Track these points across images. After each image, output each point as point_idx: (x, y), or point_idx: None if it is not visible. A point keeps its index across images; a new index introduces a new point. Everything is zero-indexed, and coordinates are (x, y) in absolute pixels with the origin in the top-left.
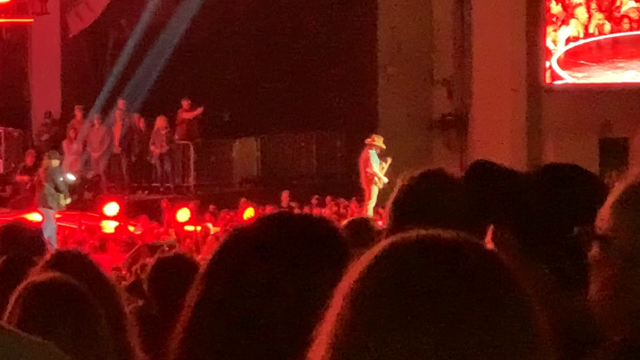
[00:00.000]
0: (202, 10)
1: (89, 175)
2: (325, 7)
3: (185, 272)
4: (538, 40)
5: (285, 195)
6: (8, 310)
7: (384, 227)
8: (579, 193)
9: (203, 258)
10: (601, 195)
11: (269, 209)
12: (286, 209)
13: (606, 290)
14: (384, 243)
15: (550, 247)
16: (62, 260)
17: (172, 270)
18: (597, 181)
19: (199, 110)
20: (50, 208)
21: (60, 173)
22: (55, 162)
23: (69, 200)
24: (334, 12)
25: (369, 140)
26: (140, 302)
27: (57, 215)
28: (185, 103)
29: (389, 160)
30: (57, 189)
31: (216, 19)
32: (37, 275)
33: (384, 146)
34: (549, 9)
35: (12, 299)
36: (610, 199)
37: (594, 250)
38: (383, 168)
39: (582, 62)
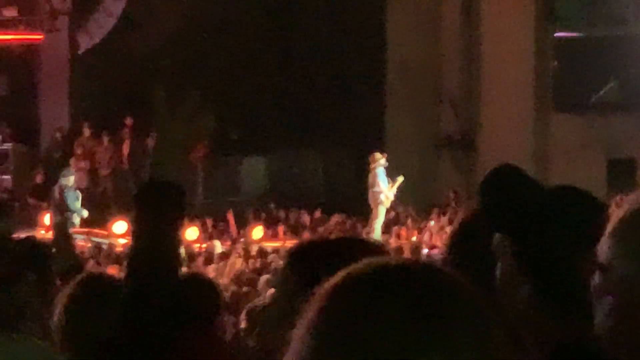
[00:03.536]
0: (210, 28)
1: (97, 192)
2: (333, 27)
3: (206, 293)
4: (547, 61)
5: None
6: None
7: None
8: (586, 221)
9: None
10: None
11: (280, 229)
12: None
13: (610, 319)
14: (340, 274)
15: (543, 267)
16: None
17: (191, 291)
18: (604, 211)
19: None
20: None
21: (72, 191)
22: (69, 181)
23: (85, 213)
24: (342, 32)
25: (372, 161)
26: None
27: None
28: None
29: (400, 178)
30: (69, 210)
31: (224, 38)
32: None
33: (383, 162)
34: None
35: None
36: (610, 227)
37: (596, 278)
38: (392, 186)
39: None
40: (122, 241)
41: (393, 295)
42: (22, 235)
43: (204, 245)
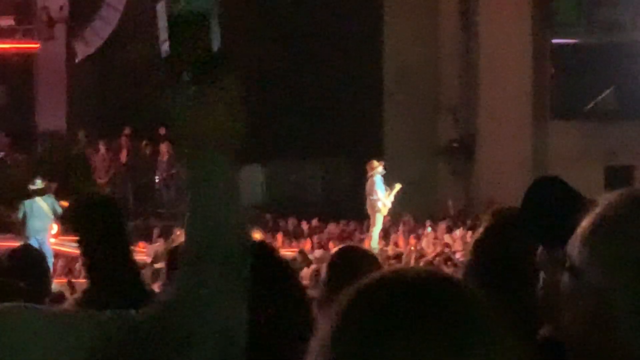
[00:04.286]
0: None
1: None
2: (330, 34)
3: None
4: (544, 68)
5: None
6: None
7: None
8: None
9: None
10: None
11: (279, 236)
12: None
13: (578, 323)
14: (354, 285)
15: None
16: None
17: None
18: None
19: None
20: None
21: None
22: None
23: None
24: (339, 38)
25: (369, 169)
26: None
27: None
28: None
29: (398, 186)
30: (55, 215)
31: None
32: None
33: (381, 170)
34: None
35: None
36: (580, 231)
37: (565, 281)
38: (390, 194)
39: None
40: None
41: (408, 306)
42: (16, 245)
43: None
